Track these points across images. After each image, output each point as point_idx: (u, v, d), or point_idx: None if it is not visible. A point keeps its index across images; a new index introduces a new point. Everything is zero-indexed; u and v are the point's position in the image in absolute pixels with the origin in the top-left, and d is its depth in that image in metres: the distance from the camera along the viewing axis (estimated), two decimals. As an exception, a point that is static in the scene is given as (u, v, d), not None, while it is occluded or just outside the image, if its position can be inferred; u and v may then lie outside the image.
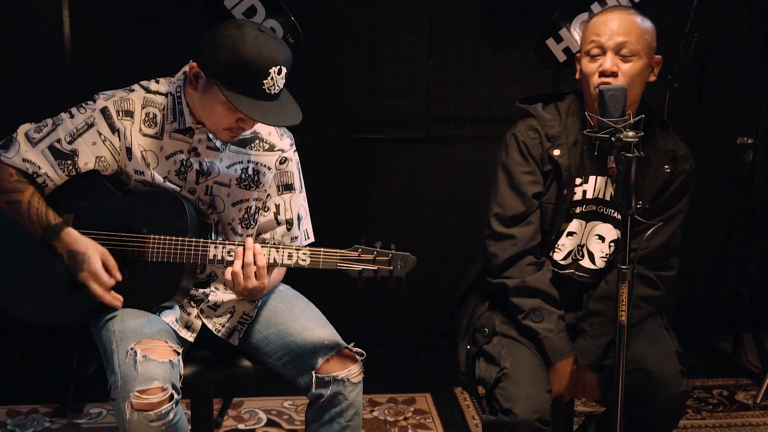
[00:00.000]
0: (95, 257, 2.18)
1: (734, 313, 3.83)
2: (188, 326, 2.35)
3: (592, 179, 2.45)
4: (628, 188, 1.99)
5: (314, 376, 2.27)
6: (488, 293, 2.54)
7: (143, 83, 2.30)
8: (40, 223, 2.22)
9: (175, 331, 2.31)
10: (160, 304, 2.29)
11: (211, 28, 2.19)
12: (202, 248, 2.20)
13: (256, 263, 2.17)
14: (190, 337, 2.34)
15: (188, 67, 2.20)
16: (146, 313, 2.27)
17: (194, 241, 2.20)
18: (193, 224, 2.24)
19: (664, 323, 2.49)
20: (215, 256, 2.21)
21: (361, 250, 2.17)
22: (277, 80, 2.13)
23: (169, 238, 2.20)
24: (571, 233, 2.48)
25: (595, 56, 2.37)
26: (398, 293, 3.27)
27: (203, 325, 2.37)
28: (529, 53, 3.59)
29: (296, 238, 2.46)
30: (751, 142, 3.64)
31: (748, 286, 3.78)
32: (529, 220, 2.43)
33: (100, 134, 2.24)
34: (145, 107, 2.27)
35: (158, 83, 2.30)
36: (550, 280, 2.44)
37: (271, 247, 2.19)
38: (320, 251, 2.18)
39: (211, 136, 2.28)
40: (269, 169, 2.38)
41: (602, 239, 2.48)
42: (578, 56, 2.44)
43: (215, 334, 2.37)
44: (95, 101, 2.26)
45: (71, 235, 2.21)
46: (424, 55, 3.78)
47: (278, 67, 2.12)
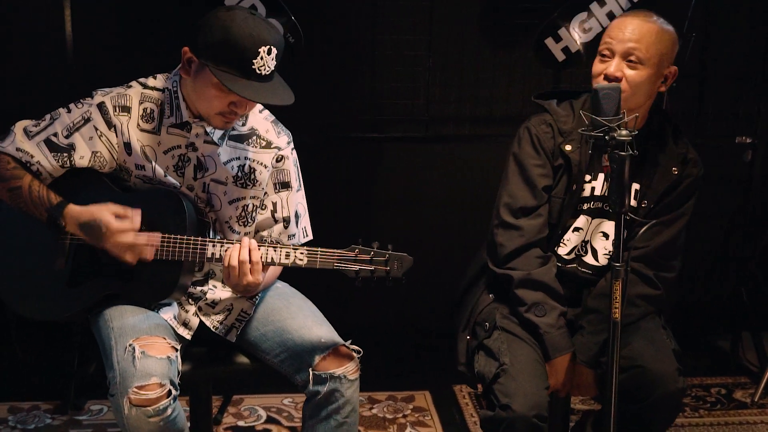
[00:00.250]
0: (107, 216, 2.18)
1: (733, 312, 3.85)
2: (186, 324, 2.37)
3: (601, 176, 2.47)
4: (621, 186, 2.00)
5: (311, 373, 2.29)
6: (493, 284, 2.56)
7: (141, 80, 2.33)
8: (42, 204, 2.23)
9: (173, 328, 2.33)
10: (158, 301, 2.31)
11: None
12: (200, 246, 2.22)
13: (251, 260, 2.19)
14: (187, 334, 2.36)
15: (182, 52, 2.21)
16: (145, 310, 2.30)
17: (193, 239, 2.22)
18: (191, 222, 2.25)
19: (662, 322, 2.50)
20: (213, 254, 2.22)
21: (358, 250, 2.18)
22: (267, 60, 2.13)
23: (167, 235, 2.22)
24: (577, 229, 2.51)
25: (604, 58, 2.39)
26: (398, 292, 3.28)
27: (201, 322, 2.39)
28: (528, 53, 3.60)
29: (294, 235, 2.48)
30: (749, 141, 3.65)
31: (747, 285, 3.79)
32: (538, 212, 2.46)
33: (96, 129, 2.27)
34: (142, 103, 2.29)
35: (155, 79, 2.32)
36: (555, 275, 2.46)
37: (268, 246, 2.21)
38: (317, 251, 2.19)
39: (208, 130, 2.29)
40: (266, 167, 2.39)
41: (606, 237, 2.50)
42: None
43: (213, 331, 2.39)
44: (93, 97, 2.29)
45: (75, 209, 2.22)
46: (423, 54, 3.79)
47: (268, 46, 2.12)
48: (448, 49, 3.84)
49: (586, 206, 2.50)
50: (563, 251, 2.52)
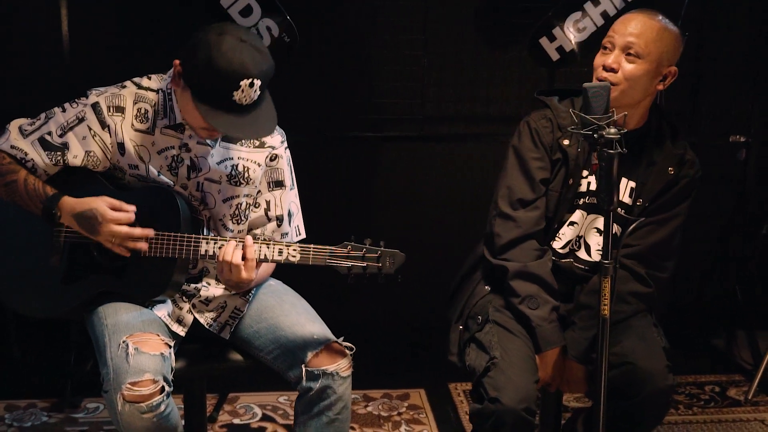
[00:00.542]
0: (102, 206, 2.20)
1: (728, 310, 3.86)
2: (180, 321, 2.38)
3: None
4: (609, 184, 2.02)
5: (304, 369, 2.30)
6: (489, 276, 2.58)
7: (135, 80, 2.34)
8: (38, 197, 2.25)
9: (166, 324, 2.34)
10: (152, 298, 2.33)
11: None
12: (194, 244, 2.24)
13: (245, 256, 2.20)
14: (181, 331, 2.38)
15: (173, 64, 2.22)
16: (139, 307, 2.31)
17: (186, 236, 2.24)
18: (185, 220, 2.27)
19: (653, 320, 2.52)
20: (206, 251, 2.24)
21: (350, 247, 2.20)
22: (248, 92, 2.13)
23: (161, 233, 2.23)
24: (572, 223, 2.53)
25: (606, 50, 2.42)
26: (394, 290, 3.29)
27: (195, 319, 2.40)
28: (523, 52, 3.62)
29: (287, 234, 2.49)
30: (743, 140, 3.66)
31: (741, 284, 3.80)
32: (535, 205, 2.49)
33: (90, 129, 2.28)
34: (136, 103, 2.30)
35: (150, 79, 2.34)
36: (550, 269, 2.48)
37: (261, 243, 2.23)
38: (310, 248, 2.21)
39: None
40: (259, 165, 2.41)
41: (600, 232, 2.52)
42: None
43: (207, 328, 2.41)
44: (87, 96, 2.30)
45: (70, 200, 2.24)
46: (419, 54, 3.81)
47: (250, 79, 2.11)
48: (444, 48, 3.86)
49: (582, 201, 2.52)
50: (558, 245, 2.54)
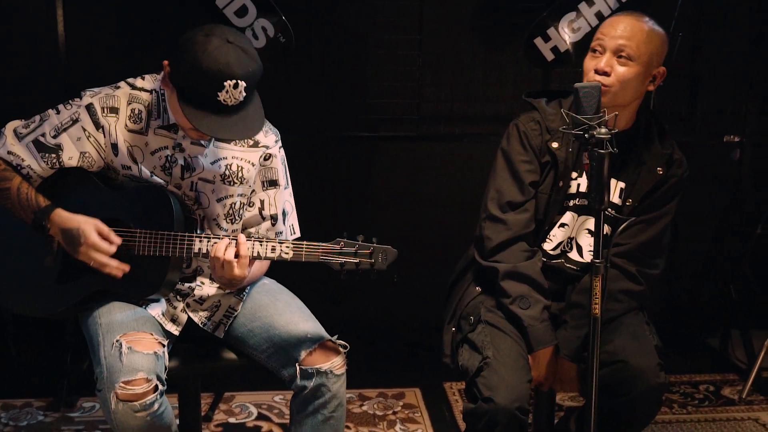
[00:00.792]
0: (90, 230, 2.21)
1: (723, 310, 3.86)
2: (174, 320, 2.39)
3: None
4: (600, 184, 2.03)
5: (298, 368, 2.31)
6: (480, 277, 2.59)
7: (129, 80, 2.34)
8: (30, 207, 2.25)
9: (160, 323, 2.35)
10: (146, 297, 2.34)
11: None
12: (187, 242, 2.25)
13: (238, 253, 2.21)
14: (175, 330, 2.38)
15: (163, 65, 2.23)
16: (133, 306, 2.32)
17: (179, 235, 2.25)
18: (178, 219, 2.28)
19: (645, 318, 2.53)
20: (200, 249, 2.25)
21: (342, 243, 2.21)
22: (233, 93, 2.13)
23: (155, 232, 2.24)
24: (563, 225, 2.54)
25: (596, 54, 2.43)
26: (390, 290, 3.30)
27: (189, 318, 2.41)
28: (518, 52, 3.63)
29: (281, 233, 2.50)
30: (737, 140, 3.67)
31: (736, 283, 3.81)
32: (524, 207, 2.50)
33: (84, 130, 2.29)
34: (130, 104, 2.31)
35: (143, 80, 2.34)
36: (540, 269, 2.50)
37: (254, 240, 2.24)
38: (302, 244, 2.22)
39: None
40: (253, 165, 2.42)
41: (592, 233, 2.53)
42: None
43: (201, 327, 2.42)
44: (81, 98, 2.31)
45: (62, 214, 2.24)
46: (415, 54, 3.82)
47: (234, 81, 2.12)
48: (440, 48, 3.88)
49: (572, 203, 2.53)
50: (549, 246, 2.55)
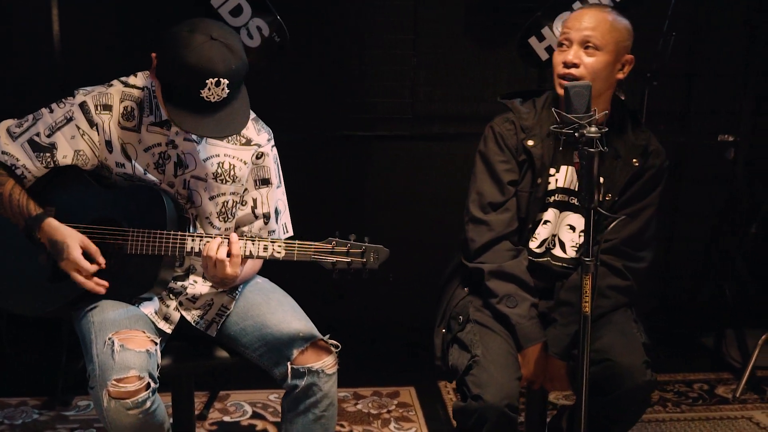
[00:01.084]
0: (74, 245, 2.22)
1: (718, 309, 3.87)
2: (167, 318, 2.40)
3: (563, 169, 2.54)
4: (590, 182, 2.04)
5: (289, 367, 2.32)
6: (467, 279, 2.60)
7: (122, 78, 2.35)
8: (21, 214, 2.26)
9: (153, 322, 2.36)
10: (138, 295, 2.34)
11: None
12: (180, 241, 2.25)
13: (230, 252, 2.22)
14: (168, 328, 2.39)
15: (151, 57, 2.23)
16: (125, 304, 2.32)
17: (172, 233, 2.25)
18: (171, 218, 2.28)
19: (633, 316, 2.54)
20: (192, 248, 2.25)
21: (335, 242, 2.21)
22: (215, 91, 2.13)
23: (147, 230, 2.25)
24: (546, 222, 2.56)
25: (563, 47, 2.47)
26: (385, 289, 3.31)
27: (182, 317, 2.41)
28: (513, 52, 3.63)
29: (274, 231, 2.51)
30: (732, 139, 3.67)
31: (731, 283, 3.81)
32: (505, 207, 2.52)
33: (78, 128, 2.29)
34: (123, 101, 2.32)
35: (136, 77, 2.35)
36: (526, 267, 2.51)
37: (247, 239, 2.24)
38: (295, 244, 2.22)
39: None
40: (245, 163, 2.42)
41: (573, 229, 2.55)
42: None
43: (193, 325, 2.42)
44: (74, 96, 2.31)
45: (51, 225, 2.25)
46: (410, 53, 3.82)
47: (216, 78, 2.12)
48: (434, 48, 3.88)
49: (552, 199, 2.55)
50: (534, 245, 2.57)
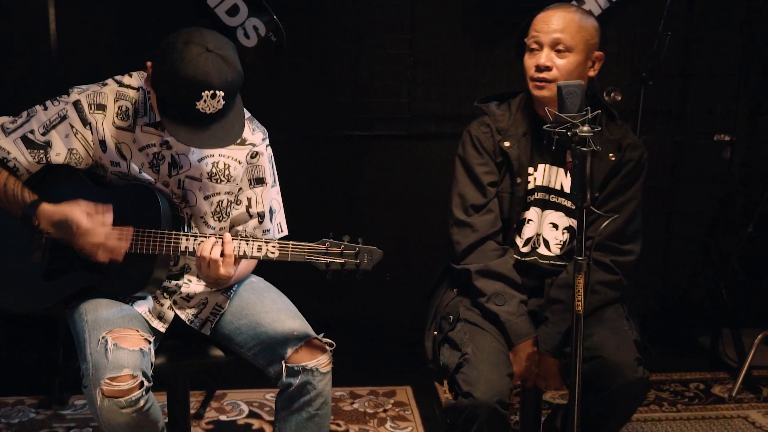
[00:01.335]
0: (79, 215, 2.20)
1: (714, 309, 3.87)
2: (161, 317, 2.40)
3: (540, 167, 2.57)
4: (583, 181, 2.04)
5: (284, 365, 2.32)
6: (456, 280, 2.62)
7: (117, 77, 2.36)
8: (17, 203, 2.26)
9: (147, 320, 2.36)
10: (132, 294, 2.35)
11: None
12: (174, 240, 2.26)
13: (224, 252, 2.22)
14: (162, 327, 2.39)
15: (147, 65, 2.24)
16: (119, 303, 2.33)
17: (167, 233, 2.26)
18: (166, 217, 2.29)
19: (625, 313, 2.54)
20: (186, 247, 2.26)
21: (328, 243, 2.22)
22: (211, 103, 2.14)
23: (142, 229, 2.25)
24: (529, 221, 2.58)
25: (533, 51, 2.48)
26: (381, 289, 3.31)
27: (176, 315, 2.42)
28: (510, 51, 3.63)
29: (268, 231, 2.51)
30: (728, 139, 3.67)
31: (727, 282, 3.81)
32: (488, 208, 2.55)
33: (72, 127, 2.30)
34: (117, 101, 2.32)
35: (131, 77, 2.36)
36: (513, 266, 2.53)
37: (241, 239, 2.25)
38: (289, 244, 2.23)
39: None
40: (240, 162, 2.43)
41: (555, 227, 2.58)
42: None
43: (188, 324, 2.42)
44: (69, 94, 2.32)
45: (48, 208, 2.24)
46: (406, 53, 3.83)
47: (212, 91, 2.13)
48: (430, 48, 3.88)
49: (533, 197, 2.57)
50: (520, 244, 2.59)
